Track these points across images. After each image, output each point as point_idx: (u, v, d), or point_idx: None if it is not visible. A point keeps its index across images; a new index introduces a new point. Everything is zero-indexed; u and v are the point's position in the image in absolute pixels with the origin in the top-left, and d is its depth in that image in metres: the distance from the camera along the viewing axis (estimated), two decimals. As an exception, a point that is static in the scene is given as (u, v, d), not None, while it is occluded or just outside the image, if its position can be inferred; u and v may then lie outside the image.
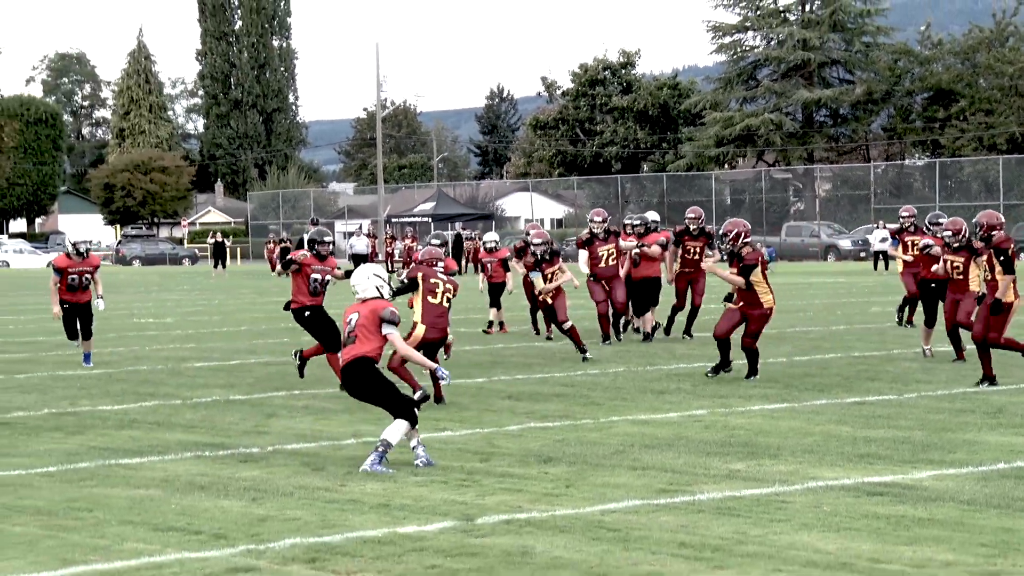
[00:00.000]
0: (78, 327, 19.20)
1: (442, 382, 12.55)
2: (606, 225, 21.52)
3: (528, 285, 22.00)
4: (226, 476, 10.67)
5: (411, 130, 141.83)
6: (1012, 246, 15.38)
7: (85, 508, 9.45)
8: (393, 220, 78.61)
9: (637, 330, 22.41)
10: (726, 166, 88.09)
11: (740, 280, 16.13)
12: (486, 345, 21.92)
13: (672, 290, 22.32)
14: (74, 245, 19.16)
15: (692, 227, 21.92)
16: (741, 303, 16.29)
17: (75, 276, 18.95)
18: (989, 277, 15.46)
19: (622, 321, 22.02)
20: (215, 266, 63.89)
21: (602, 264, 21.36)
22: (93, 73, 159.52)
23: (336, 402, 14.77)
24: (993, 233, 15.43)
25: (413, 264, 15.74)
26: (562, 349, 20.45)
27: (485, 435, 12.58)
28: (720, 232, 16.43)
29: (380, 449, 10.79)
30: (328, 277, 16.37)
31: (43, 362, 20.32)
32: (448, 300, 15.03)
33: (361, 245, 57.68)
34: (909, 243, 21.61)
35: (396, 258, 63.99)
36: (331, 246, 16.49)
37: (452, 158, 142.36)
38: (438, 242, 21.78)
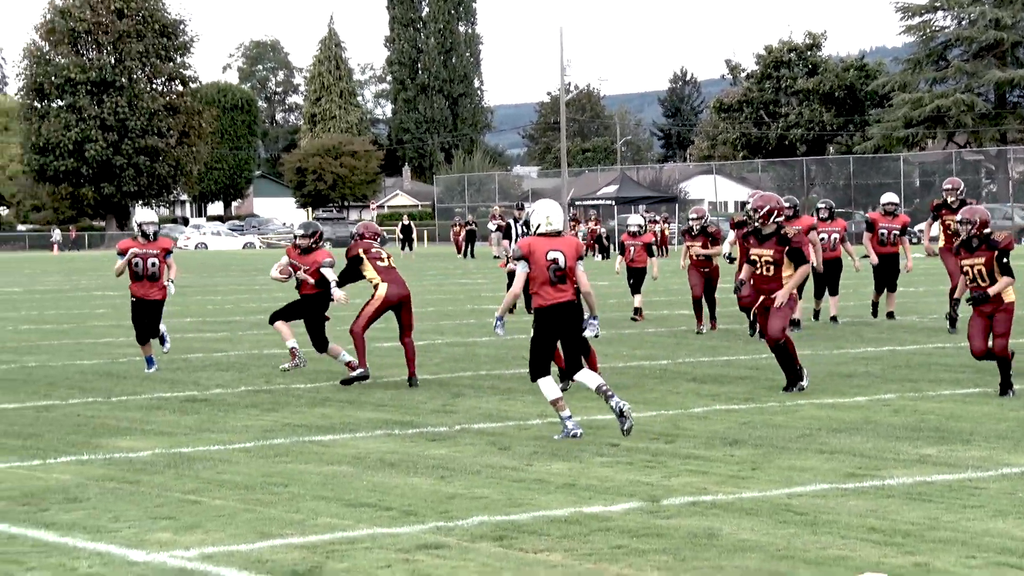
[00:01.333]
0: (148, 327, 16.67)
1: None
2: (702, 222, 21.02)
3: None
4: (415, 454, 10.87)
5: (595, 114, 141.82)
6: None
7: (280, 483, 9.72)
8: (576, 203, 78.71)
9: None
10: (915, 148, 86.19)
11: (806, 269, 14.00)
12: (669, 327, 21.86)
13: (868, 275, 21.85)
14: (139, 226, 16.66)
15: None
16: (766, 289, 14.01)
17: (139, 260, 16.38)
18: None
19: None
20: (402, 248, 64.81)
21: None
22: (286, 60, 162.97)
23: (522, 382, 14.90)
24: None
25: (353, 242, 15.69)
26: (745, 332, 20.26)
27: (670, 417, 12.57)
28: (750, 207, 14.21)
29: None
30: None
31: (240, 341, 20.88)
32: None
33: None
34: None
35: (580, 240, 64.13)
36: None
37: (635, 141, 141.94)
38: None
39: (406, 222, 67.34)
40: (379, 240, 15.74)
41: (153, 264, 16.42)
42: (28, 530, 8.27)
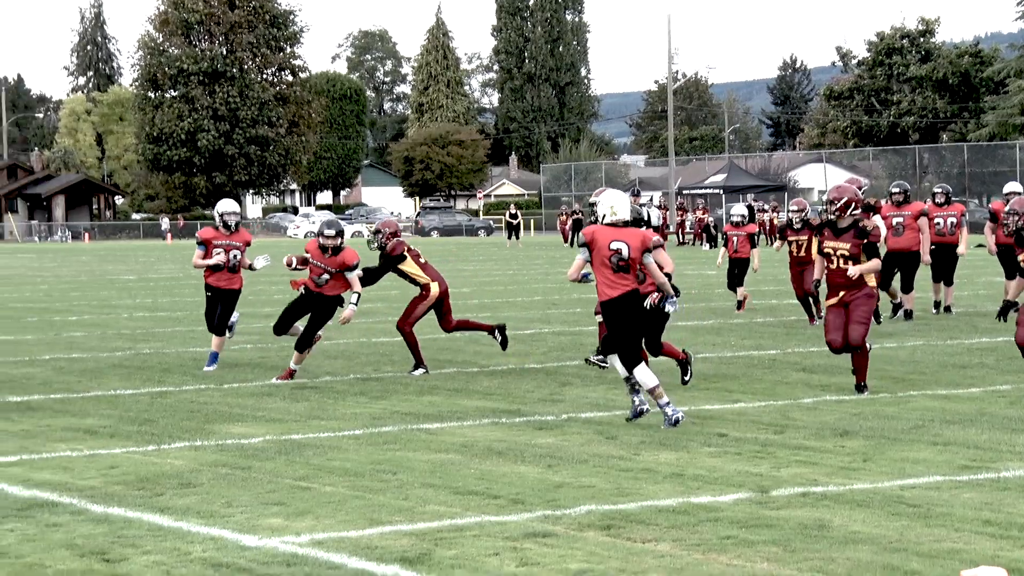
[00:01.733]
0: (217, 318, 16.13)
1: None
2: (803, 215, 20.23)
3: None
4: (523, 443, 10.88)
5: (702, 102, 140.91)
6: None
7: (389, 470, 9.79)
8: (684, 192, 78.32)
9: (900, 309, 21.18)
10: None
11: (875, 265, 13.21)
12: (778, 317, 21.68)
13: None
14: (221, 216, 16.04)
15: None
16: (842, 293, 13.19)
17: (220, 251, 15.85)
18: None
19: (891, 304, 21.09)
20: (509, 238, 64.92)
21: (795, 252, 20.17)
22: (394, 50, 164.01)
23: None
24: None
25: (395, 241, 15.66)
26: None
27: (779, 407, 12.47)
28: (826, 199, 13.43)
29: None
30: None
31: (349, 329, 21.05)
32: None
33: (654, 216, 57.62)
34: None
35: (687, 230, 63.77)
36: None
37: (743, 130, 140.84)
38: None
39: (513, 211, 67.46)
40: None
41: (235, 256, 15.94)
42: (144, 514, 8.41)
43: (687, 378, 13.89)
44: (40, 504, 8.71)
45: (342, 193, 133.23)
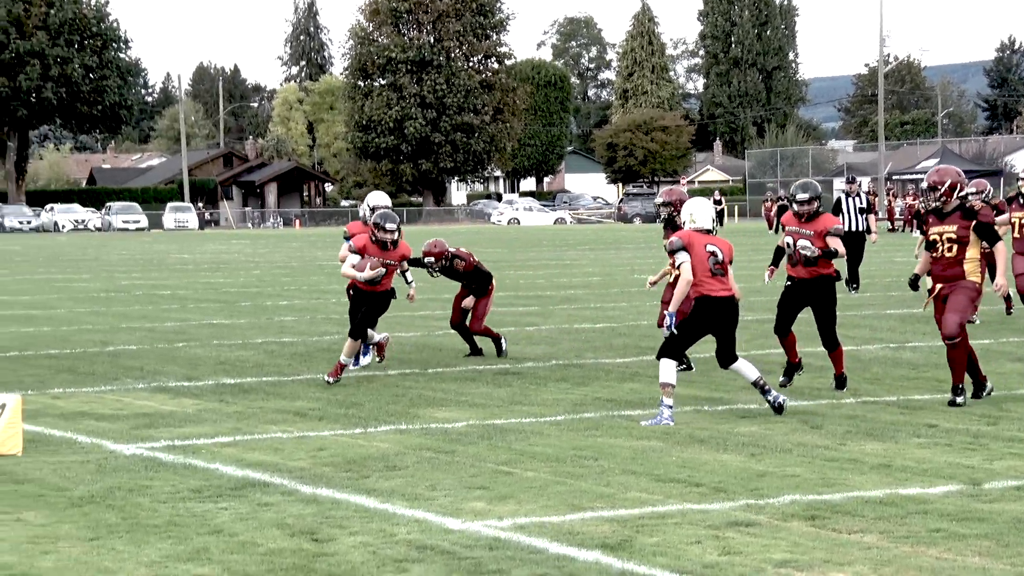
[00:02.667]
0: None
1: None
2: (986, 195, 18.81)
3: None
4: (725, 431, 10.79)
5: (915, 85, 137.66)
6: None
7: (591, 456, 9.80)
8: (894, 177, 76.64)
9: None
10: None
11: (1003, 248, 12.14)
12: (991, 306, 21.06)
13: None
14: (373, 210, 14.48)
15: None
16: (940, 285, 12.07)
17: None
18: None
19: None
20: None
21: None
22: (599, 36, 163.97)
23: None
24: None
25: (463, 262, 15.64)
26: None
27: (992, 398, 12.11)
28: (926, 184, 12.24)
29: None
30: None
31: (551, 315, 21.15)
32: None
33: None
34: None
35: (897, 216, 62.41)
36: None
37: (958, 113, 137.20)
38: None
39: (717, 197, 66.93)
40: None
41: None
42: (351, 496, 8.58)
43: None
44: (253, 484, 8.95)
45: (545, 180, 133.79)
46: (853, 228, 25.38)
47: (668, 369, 11.20)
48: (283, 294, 27.10)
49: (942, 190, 11.97)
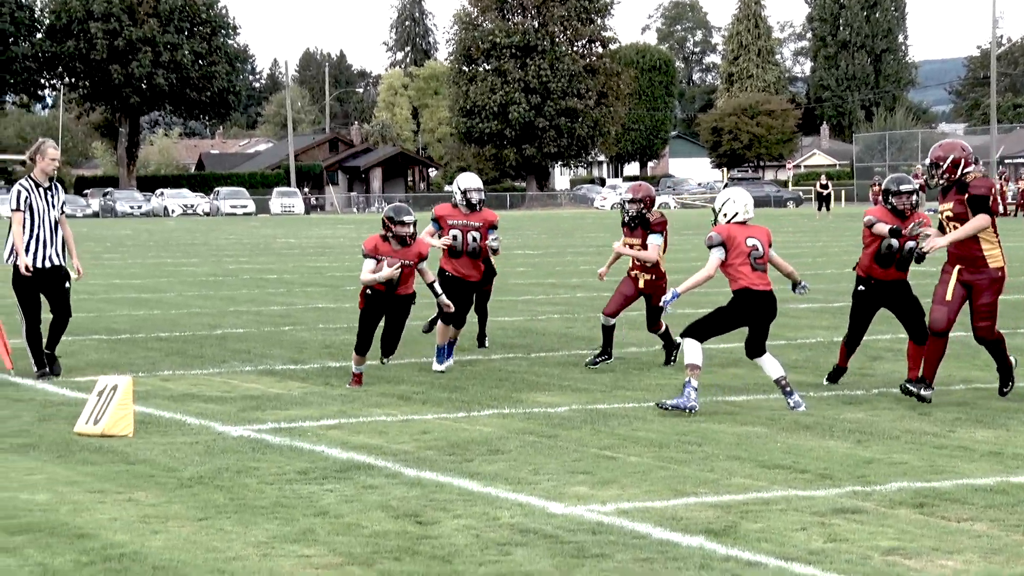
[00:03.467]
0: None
1: None
2: None
3: None
4: (831, 417, 10.69)
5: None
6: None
7: (694, 442, 9.76)
8: (1006, 161, 75.36)
9: None
10: None
11: (982, 221, 11.14)
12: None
13: None
14: (464, 192, 13.73)
15: None
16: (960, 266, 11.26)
17: (458, 233, 13.78)
18: None
19: None
20: (819, 208, 63.79)
21: None
22: (704, 20, 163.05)
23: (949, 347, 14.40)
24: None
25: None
26: None
27: (1106, 387, 11.87)
28: (929, 161, 11.53)
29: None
30: None
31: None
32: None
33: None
34: None
35: (1009, 200, 61.36)
36: None
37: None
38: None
39: (824, 181, 66.26)
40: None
41: (474, 239, 13.78)
42: (454, 479, 8.62)
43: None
44: (357, 466, 9.03)
45: (649, 164, 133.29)
46: None
47: (693, 350, 11.07)
48: (388, 278, 27.24)
49: (944, 166, 11.26)
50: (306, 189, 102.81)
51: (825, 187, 65.30)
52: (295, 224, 69.30)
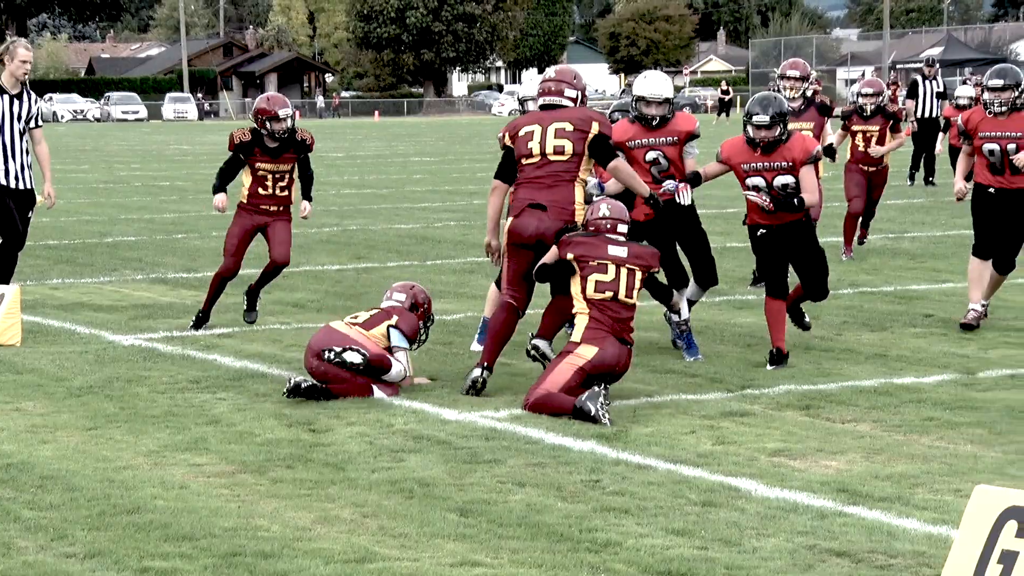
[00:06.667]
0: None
1: None
2: (878, 100, 14.55)
3: None
4: (722, 322, 10.82)
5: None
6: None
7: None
8: (898, 66, 76.13)
9: None
10: None
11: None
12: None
13: None
14: (522, 102, 10.41)
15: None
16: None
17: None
18: None
19: None
20: (718, 115, 64.11)
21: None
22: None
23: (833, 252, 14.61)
24: None
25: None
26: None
27: (990, 289, 12.11)
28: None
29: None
30: None
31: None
32: None
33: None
34: None
35: (900, 105, 62.09)
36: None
37: (964, 0, 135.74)
38: None
39: (724, 87, 66.53)
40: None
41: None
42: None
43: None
44: (251, 375, 8.99)
45: (547, 70, 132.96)
46: (927, 115, 23.91)
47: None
48: (283, 185, 27.00)
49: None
50: (199, 95, 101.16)
51: (727, 92, 65.56)
52: (188, 130, 68.30)
